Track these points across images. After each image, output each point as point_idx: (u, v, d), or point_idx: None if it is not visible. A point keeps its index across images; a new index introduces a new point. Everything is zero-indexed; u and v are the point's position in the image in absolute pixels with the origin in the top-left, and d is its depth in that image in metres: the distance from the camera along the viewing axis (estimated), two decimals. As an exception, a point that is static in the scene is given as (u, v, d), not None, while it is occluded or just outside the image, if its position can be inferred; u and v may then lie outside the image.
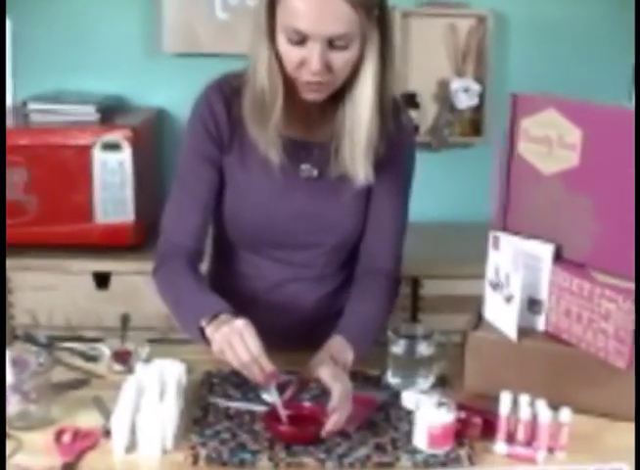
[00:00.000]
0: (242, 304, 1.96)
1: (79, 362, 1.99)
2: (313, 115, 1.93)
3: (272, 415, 1.70)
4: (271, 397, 1.72)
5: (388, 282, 2.03)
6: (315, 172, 1.95)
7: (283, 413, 1.70)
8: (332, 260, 2.06)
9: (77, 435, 1.67)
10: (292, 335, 2.01)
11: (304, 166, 1.95)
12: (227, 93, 1.91)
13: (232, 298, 1.95)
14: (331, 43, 1.71)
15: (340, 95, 1.85)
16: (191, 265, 1.95)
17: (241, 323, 1.69)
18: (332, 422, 1.66)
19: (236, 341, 1.67)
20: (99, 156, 2.96)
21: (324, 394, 1.74)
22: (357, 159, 1.86)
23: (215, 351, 1.71)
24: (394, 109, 1.92)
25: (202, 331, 1.76)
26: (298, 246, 2.01)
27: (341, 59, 1.74)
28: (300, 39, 1.71)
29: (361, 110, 1.83)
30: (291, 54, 1.75)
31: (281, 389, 1.77)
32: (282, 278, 2.05)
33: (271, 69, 1.80)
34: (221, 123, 1.92)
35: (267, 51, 1.78)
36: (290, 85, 1.81)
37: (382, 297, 2.01)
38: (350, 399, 1.71)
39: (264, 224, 1.97)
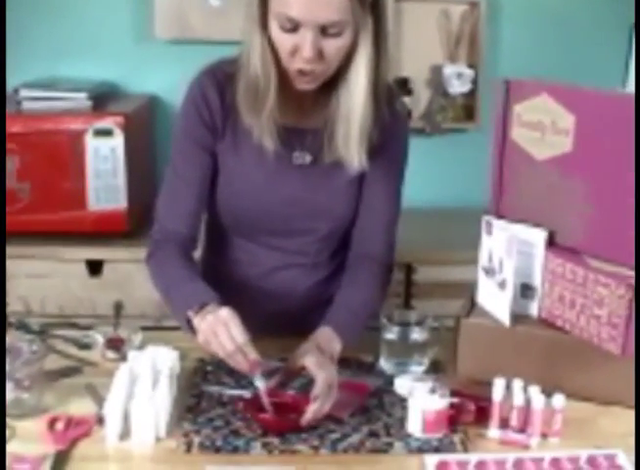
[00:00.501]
0: (234, 290, 1.96)
1: (72, 350, 1.99)
2: (307, 101, 1.92)
3: (254, 403, 1.70)
4: (259, 385, 1.71)
5: (380, 269, 2.03)
6: (308, 159, 1.95)
7: (267, 402, 1.69)
8: (325, 248, 2.05)
9: (70, 422, 1.67)
10: (284, 322, 2.01)
11: (297, 153, 1.94)
12: (220, 79, 1.91)
13: (224, 284, 1.94)
14: (323, 30, 1.70)
15: (333, 82, 1.84)
16: (183, 253, 1.95)
17: (225, 313, 1.69)
18: (312, 410, 1.66)
19: (221, 330, 1.67)
20: (91, 143, 2.95)
21: (312, 382, 1.75)
22: (351, 145, 1.86)
23: (201, 341, 1.71)
24: (389, 96, 1.92)
25: (189, 321, 1.76)
26: (291, 232, 2.01)
27: (333, 46, 1.73)
28: (293, 27, 1.70)
29: (355, 97, 1.82)
30: (283, 41, 1.74)
31: (268, 376, 1.77)
32: (275, 265, 2.05)
33: (264, 56, 1.79)
34: (214, 109, 1.91)
35: (260, 38, 1.78)
36: (283, 72, 1.81)
37: (373, 284, 2.00)
38: (335, 387, 1.71)
39: (257, 210, 1.97)
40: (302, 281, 2.07)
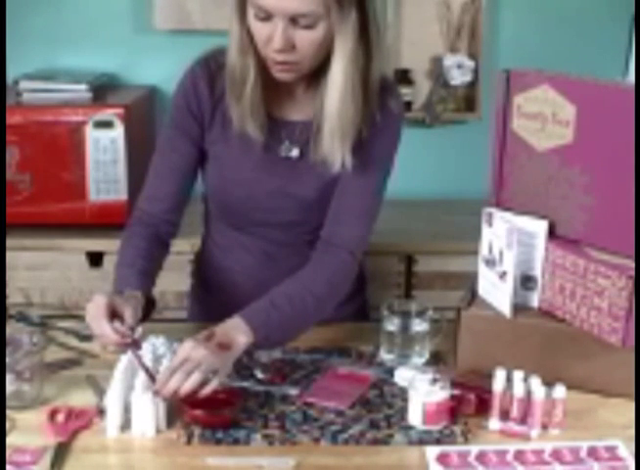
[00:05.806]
0: (234, 279, 1.96)
1: (73, 341, 1.99)
2: (297, 93, 1.92)
3: (190, 398, 1.65)
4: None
5: (347, 257, 1.93)
6: (296, 151, 1.94)
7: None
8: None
9: (71, 414, 1.67)
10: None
11: (285, 145, 1.94)
12: (213, 69, 1.91)
13: (224, 273, 1.94)
14: (295, 21, 1.70)
15: (321, 74, 1.83)
16: (148, 234, 1.96)
17: (99, 302, 1.71)
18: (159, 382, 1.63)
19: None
20: (91, 134, 2.94)
21: (315, 372, 1.77)
22: (330, 143, 1.84)
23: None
24: (382, 92, 1.89)
25: None
26: (280, 224, 2.00)
27: (305, 38, 1.72)
28: (266, 15, 1.71)
29: (333, 93, 1.80)
30: (258, 30, 1.74)
31: (274, 369, 1.78)
32: (270, 256, 2.05)
33: (242, 45, 1.80)
34: (203, 101, 1.92)
35: (238, 26, 1.79)
36: (264, 61, 1.81)
37: (330, 273, 1.91)
38: (190, 363, 1.62)
39: (245, 201, 1.96)
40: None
